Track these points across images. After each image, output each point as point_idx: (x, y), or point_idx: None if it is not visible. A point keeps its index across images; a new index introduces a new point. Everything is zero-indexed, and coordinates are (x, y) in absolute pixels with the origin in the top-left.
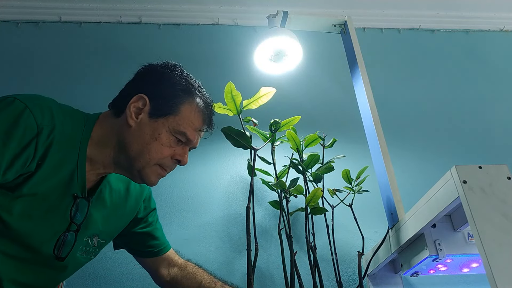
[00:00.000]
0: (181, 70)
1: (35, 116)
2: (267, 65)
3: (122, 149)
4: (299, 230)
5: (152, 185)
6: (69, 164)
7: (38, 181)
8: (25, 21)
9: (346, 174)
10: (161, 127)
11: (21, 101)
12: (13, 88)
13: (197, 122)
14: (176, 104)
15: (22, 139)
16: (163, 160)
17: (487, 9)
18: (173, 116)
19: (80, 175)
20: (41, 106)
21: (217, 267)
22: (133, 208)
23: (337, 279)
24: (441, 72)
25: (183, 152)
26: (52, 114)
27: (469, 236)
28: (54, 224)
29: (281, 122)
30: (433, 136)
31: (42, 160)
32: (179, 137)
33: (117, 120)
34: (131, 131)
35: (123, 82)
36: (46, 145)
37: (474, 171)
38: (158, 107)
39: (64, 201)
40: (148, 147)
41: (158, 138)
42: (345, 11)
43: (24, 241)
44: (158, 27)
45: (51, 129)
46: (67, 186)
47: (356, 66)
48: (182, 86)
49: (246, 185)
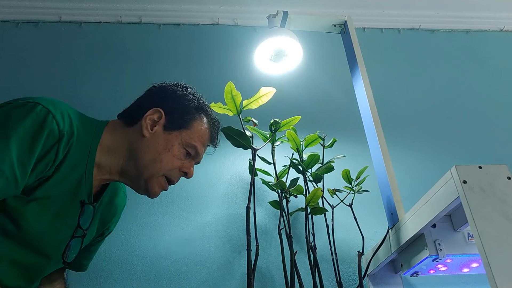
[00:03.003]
0: (193, 90)
1: (57, 121)
2: (267, 65)
3: (132, 157)
4: (299, 230)
5: (154, 196)
6: (79, 169)
7: (52, 185)
8: (25, 21)
9: (346, 174)
10: (174, 139)
11: (43, 106)
12: (13, 88)
13: (205, 138)
14: (189, 119)
15: (45, 144)
16: (172, 171)
17: (487, 9)
18: (186, 130)
19: (88, 181)
20: (61, 111)
21: (217, 267)
22: (106, 222)
23: (337, 279)
24: (441, 72)
25: (190, 165)
26: (71, 120)
27: (469, 236)
28: (62, 229)
29: (281, 122)
30: (433, 136)
31: (60, 165)
32: (189, 150)
33: (129, 130)
34: (145, 141)
35: (123, 82)
36: (66, 151)
37: (474, 171)
38: (173, 120)
39: (72, 206)
40: (161, 157)
41: (171, 149)
42: (345, 11)
43: (35, 246)
44: (158, 27)
45: (70, 135)
46: (75, 191)
47: (356, 66)
48: (194, 103)
49: (246, 185)
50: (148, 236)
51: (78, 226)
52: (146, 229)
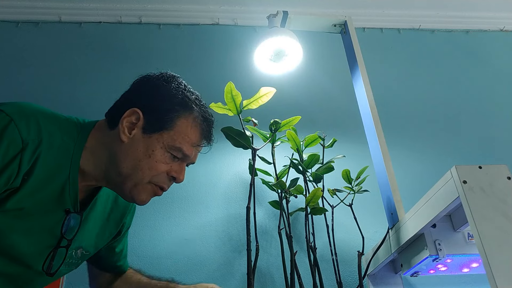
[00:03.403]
0: (178, 81)
1: (20, 130)
2: (267, 65)
3: (113, 164)
4: (299, 230)
5: (141, 204)
6: (60, 177)
7: (24, 196)
8: (25, 21)
9: (346, 174)
10: (155, 143)
11: (6, 114)
12: (13, 88)
13: (194, 137)
14: (171, 118)
15: (5, 155)
16: (157, 177)
17: (487, 9)
18: (168, 131)
19: (72, 188)
20: (27, 118)
21: (217, 267)
22: (118, 221)
23: (337, 279)
24: (441, 72)
25: (179, 169)
26: (39, 127)
27: (469, 236)
28: (43, 239)
29: (281, 122)
30: (433, 136)
31: (28, 175)
32: (174, 153)
33: (111, 133)
34: (123, 146)
35: (123, 82)
36: (33, 160)
37: (474, 171)
38: (152, 122)
39: (55, 216)
40: (141, 164)
41: (152, 155)
42: (345, 11)
43: (14, 255)
44: (158, 27)
45: (37, 143)
46: (57, 200)
47: (356, 66)
48: (178, 99)
49: (246, 185)
50: (148, 236)
51: (62, 236)
52: (146, 229)
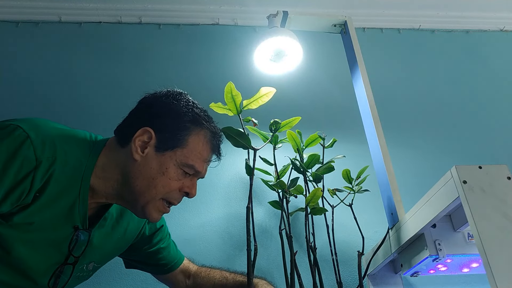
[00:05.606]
0: (186, 98)
1: (35, 148)
2: (267, 65)
3: (126, 182)
4: (299, 230)
5: (154, 221)
6: (71, 195)
7: (34, 211)
8: (25, 21)
9: (346, 174)
10: (168, 160)
11: (23, 130)
12: (13, 88)
13: (206, 153)
14: (183, 136)
15: (18, 172)
16: (170, 193)
17: (487, 9)
18: (181, 148)
19: (82, 207)
20: (43, 136)
21: (218, 266)
22: (135, 228)
23: (337, 279)
24: (441, 72)
25: (191, 184)
26: (55, 145)
27: (469, 236)
28: (50, 255)
29: (281, 122)
30: (433, 136)
31: (40, 192)
32: (186, 170)
33: (122, 151)
34: (137, 165)
35: (123, 82)
36: (46, 178)
37: (474, 171)
38: (165, 140)
39: (63, 232)
40: (155, 182)
41: (166, 172)
42: (345, 11)
43: (21, 269)
44: (158, 27)
45: (52, 161)
46: (67, 217)
47: (356, 66)
48: (188, 117)
49: (246, 185)
50: None
51: (69, 253)
52: None
